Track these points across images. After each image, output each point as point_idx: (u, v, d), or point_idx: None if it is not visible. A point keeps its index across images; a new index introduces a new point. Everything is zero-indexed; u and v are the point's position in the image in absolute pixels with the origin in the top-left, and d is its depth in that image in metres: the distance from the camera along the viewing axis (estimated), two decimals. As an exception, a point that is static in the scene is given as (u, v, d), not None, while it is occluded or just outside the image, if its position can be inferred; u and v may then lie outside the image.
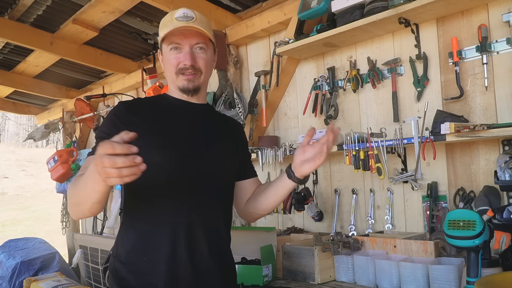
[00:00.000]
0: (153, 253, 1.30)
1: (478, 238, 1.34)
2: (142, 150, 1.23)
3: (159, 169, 1.29)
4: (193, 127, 1.42)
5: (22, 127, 24.43)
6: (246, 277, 1.98)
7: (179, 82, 1.39)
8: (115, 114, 1.35)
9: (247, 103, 2.90)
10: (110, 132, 1.27)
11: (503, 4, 1.91)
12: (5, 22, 3.13)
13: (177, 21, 1.34)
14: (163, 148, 1.32)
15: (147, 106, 1.43)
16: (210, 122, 1.49)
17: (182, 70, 1.36)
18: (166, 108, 1.43)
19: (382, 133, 2.14)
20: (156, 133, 1.34)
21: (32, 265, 3.71)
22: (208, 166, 1.38)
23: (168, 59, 1.38)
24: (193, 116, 1.44)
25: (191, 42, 1.36)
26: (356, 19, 2.17)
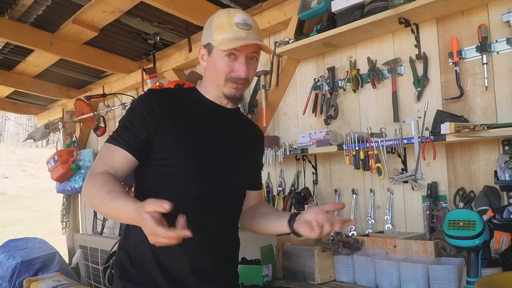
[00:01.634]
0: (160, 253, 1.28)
1: (478, 238, 1.34)
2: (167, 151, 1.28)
3: (185, 176, 1.29)
4: (226, 136, 1.39)
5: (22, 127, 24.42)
6: (246, 277, 1.98)
7: (227, 90, 1.34)
8: (144, 104, 1.30)
9: (247, 103, 2.90)
10: (136, 123, 1.27)
11: (503, 4, 1.91)
12: (5, 22, 3.13)
13: (237, 28, 1.28)
14: (188, 155, 1.30)
15: (180, 102, 1.37)
16: (241, 131, 1.47)
17: (234, 79, 1.32)
18: (201, 110, 1.38)
19: (382, 133, 2.14)
20: (184, 135, 1.30)
21: (32, 265, 3.71)
22: (234, 179, 1.39)
23: (221, 65, 1.31)
24: (228, 124, 1.42)
25: (248, 53, 1.31)
26: (356, 19, 2.17)
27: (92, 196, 1.18)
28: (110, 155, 1.26)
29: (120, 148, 1.25)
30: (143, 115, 1.27)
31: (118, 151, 1.25)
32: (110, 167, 1.24)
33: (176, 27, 3.25)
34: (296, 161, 2.75)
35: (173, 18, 2.99)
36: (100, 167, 1.23)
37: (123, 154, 1.25)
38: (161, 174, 1.30)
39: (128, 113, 1.33)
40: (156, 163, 1.30)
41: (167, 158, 1.28)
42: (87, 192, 1.20)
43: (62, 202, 4.95)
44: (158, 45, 3.56)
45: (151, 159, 1.30)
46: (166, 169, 1.29)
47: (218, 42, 1.29)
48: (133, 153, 1.26)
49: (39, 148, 22.40)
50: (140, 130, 1.26)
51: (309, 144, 2.45)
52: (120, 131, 1.29)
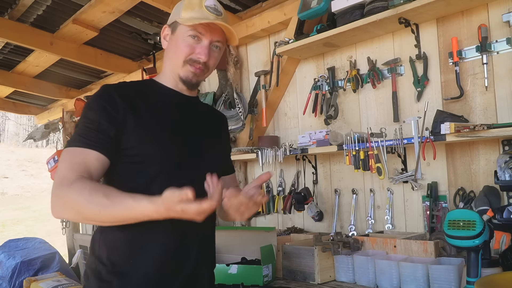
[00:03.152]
0: (141, 256, 1.21)
1: (478, 238, 1.34)
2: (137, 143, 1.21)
3: (155, 166, 1.23)
4: (191, 123, 1.35)
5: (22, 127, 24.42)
6: (246, 277, 1.98)
7: (184, 72, 1.29)
8: (105, 100, 1.20)
9: (247, 103, 2.90)
10: (103, 121, 1.18)
11: (503, 4, 1.91)
12: (5, 22, 3.13)
13: (207, 10, 1.25)
14: (163, 147, 1.25)
15: (139, 92, 1.30)
16: (204, 117, 1.43)
17: (193, 62, 1.27)
18: (161, 98, 1.32)
19: (382, 133, 2.14)
20: (153, 127, 1.25)
21: (32, 265, 3.71)
22: (206, 165, 1.31)
23: (182, 44, 1.27)
24: (191, 110, 1.38)
25: (213, 38, 1.28)
26: (356, 19, 2.17)
27: (82, 206, 1.06)
28: (81, 159, 1.14)
29: (91, 150, 1.15)
30: (107, 111, 1.18)
31: (89, 153, 1.14)
32: (85, 172, 1.12)
33: (176, 27, 3.24)
34: (296, 161, 2.75)
35: (173, 18, 2.99)
36: (72, 174, 1.10)
37: (95, 155, 1.15)
38: (135, 170, 1.22)
39: (88, 111, 1.21)
40: (128, 160, 1.22)
41: (139, 154, 1.21)
42: (71, 203, 1.08)
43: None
44: (158, 45, 3.56)
45: (121, 156, 1.21)
46: (141, 165, 1.22)
47: (184, 19, 1.25)
48: (105, 153, 1.17)
49: (39, 148, 22.40)
50: (108, 128, 1.17)
51: (309, 144, 2.45)
52: (84, 132, 1.17)
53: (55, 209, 1.11)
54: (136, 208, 1.03)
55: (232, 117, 2.90)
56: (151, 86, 1.35)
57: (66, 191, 1.08)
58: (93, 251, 1.28)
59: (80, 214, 1.09)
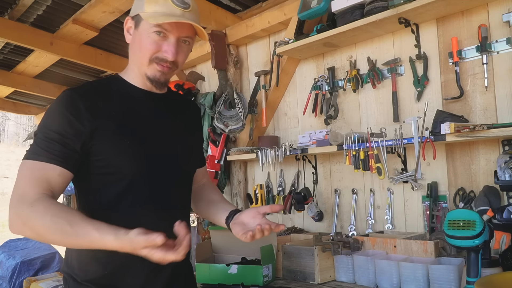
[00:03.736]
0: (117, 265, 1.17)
1: (478, 238, 1.34)
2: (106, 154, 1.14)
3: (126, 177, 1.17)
4: (161, 125, 1.28)
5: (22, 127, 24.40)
6: (246, 277, 1.98)
7: (151, 71, 1.20)
8: (69, 109, 1.11)
9: (247, 103, 2.90)
10: (66, 133, 1.10)
11: (503, 4, 1.91)
12: (5, 22, 3.13)
13: (172, 3, 1.15)
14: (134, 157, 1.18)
15: (106, 97, 1.20)
16: (174, 114, 1.35)
17: (160, 60, 1.19)
18: (129, 101, 1.24)
19: (382, 133, 2.14)
20: (122, 135, 1.17)
21: (32, 265, 3.71)
22: (178, 167, 1.29)
23: (147, 41, 1.17)
24: (160, 110, 1.29)
25: (180, 35, 1.18)
26: (356, 19, 2.17)
27: (44, 230, 1.00)
28: (42, 174, 1.06)
29: (53, 165, 1.07)
30: (71, 121, 1.10)
31: (51, 168, 1.07)
32: (46, 188, 1.05)
33: (176, 27, 3.24)
34: (296, 161, 2.75)
35: (173, 18, 2.99)
36: (33, 191, 1.03)
37: (58, 170, 1.07)
38: (106, 181, 1.17)
39: (49, 120, 1.12)
40: (98, 171, 1.16)
41: (110, 164, 1.15)
42: (31, 225, 1.00)
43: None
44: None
45: (91, 167, 1.15)
46: (112, 176, 1.16)
47: (147, 15, 1.15)
48: (69, 167, 1.09)
49: (39, 148, 22.37)
50: (73, 141, 1.10)
51: (309, 144, 2.45)
52: (45, 144, 1.08)
53: (13, 225, 1.03)
54: (100, 241, 0.96)
55: (232, 117, 2.90)
56: (117, 86, 1.26)
57: (26, 211, 1.01)
58: (66, 260, 1.26)
59: (41, 237, 1.03)
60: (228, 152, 2.93)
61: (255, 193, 2.93)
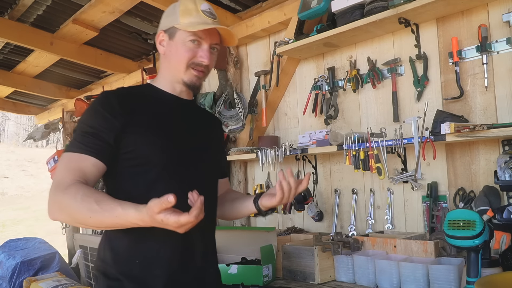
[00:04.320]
0: (148, 256, 1.25)
1: (478, 238, 1.34)
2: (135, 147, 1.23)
3: (154, 169, 1.25)
4: (189, 127, 1.39)
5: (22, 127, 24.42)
6: (246, 277, 1.98)
7: (188, 76, 1.33)
8: (104, 107, 1.24)
9: (247, 103, 2.90)
10: (100, 127, 1.21)
11: (503, 4, 1.91)
12: (5, 22, 3.13)
13: (204, 15, 1.30)
14: (162, 149, 1.27)
15: (138, 98, 1.33)
16: (201, 121, 1.47)
17: (196, 65, 1.31)
18: (159, 102, 1.35)
19: (382, 133, 2.14)
20: (152, 130, 1.28)
21: (32, 265, 3.71)
22: (205, 169, 1.38)
23: (183, 49, 1.30)
24: (188, 114, 1.42)
25: (212, 42, 1.33)
26: (356, 19, 2.17)
27: (75, 210, 1.10)
28: (77, 164, 1.17)
29: (88, 156, 1.18)
30: (106, 117, 1.22)
31: (86, 159, 1.18)
32: (80, 177, 1.15)
33: (176, 27, 3.24)
34: (296, 161, 2.75)
35: (173, 18, 2.99)
36: (68, 178, 1.14)
37: (92, 161, 1.18)
38: (135, 173, 1.25)
39: (87, 117, 1.25)
40: (127, 164, 1.25)
41: (139, 156, 1.24)
42: (64, 207, 1.11)
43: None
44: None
45: (120, 160, 1.24)
46: (140, 168, 1.25)
47: (184, 25, 1.28)
48: (102, 159, 1.20)
49: (39, 148, 22.40)
50: (107, 134, 1.21)
51: (309, 144, 2.45)
52: (82, 138, 1.20)
53: (50, 211, 1.15)
54: (123, 216, 1.05)
55: (232, 117, 2.90)
56: (149, 91, 1.38)
57: (61, 195, 1.11)
58: (99, 255, 1.32)
59: (73, 218, 1.13)
60: (228, 152, 2.93)
61: (255, 193, 2.93)
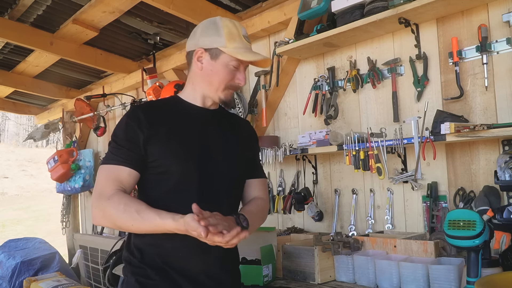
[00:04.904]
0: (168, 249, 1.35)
1: (478, 238, 1.34)
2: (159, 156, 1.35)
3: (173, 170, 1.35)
4: (215, 136, 1.45)
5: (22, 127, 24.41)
6: (246, 277, 1.98)
7: (224, 95, 1.43)
8: (133, 120, 1.36)
9: (247, 103, 2.90)
10: (130, 139, 1.33)
11: (503, 4, 1.91)
12: (5, 22, 3.13)
13: (245, 40, 1.41)
14: (183, 159, 1.36)
15: (165, 112, 1.43)
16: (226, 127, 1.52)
17: (234, 87, 1.43)
18: (185, 113, 1.44)
19: (382, 133, 2.14)
20: (177, 143, 1.37)
21: (32, 265, 3.71)
22: (226, 176, 1.43)
23: (225, 72, 1.40)
24: (215, 122, 1.48)
25: (246, 65, 1.44)
26: (356, 19, 2.17)
27: (118, 218, 1.25)
28: (115, 175, 1.30)
29: (123, 167, 1.31)
30: (134, 130, 1.34)
31: (122, 170, 1.31)
32: (119, 186, 1.29)
33: (176, 27, 3.24)
34: (296, 161, 2.75)
35: (173, 18, 2.99)
36: (109, 188, 1.28)
37: (127, 171, 1.31)
38: (159, 180, 1.36)
39: (118, 131, 1.38)
40: (152, 171, 1.36)
41: (162, 164, 1.34)
42: (109, 215, 1.26)
43: (62, 202, 4.95)
44: (158, 45, 3.56)
45: (147, 168, 1.36)
46: (161, 175, 1.35)
47: (232, 51, 1.37)
48: (136, 168, 1.33)
49: (39, 148, 22.40)
50: (137, 145, 1.33)
51: (309, 144, 2.45)
52: (116, 150, 1.34)
53: (95, 218, 1.31)
54: (161, 225, 1.21)
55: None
56: (175, 102, 1.48)
57: (105, 204, 1.27)
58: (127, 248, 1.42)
59: (116, 224, 1.30)
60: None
61: (255, 193, 2.93)
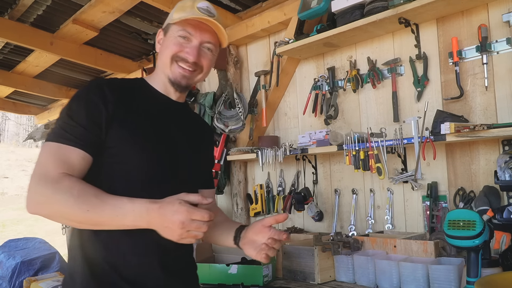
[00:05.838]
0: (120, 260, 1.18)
1: (478, 238, 1.34)
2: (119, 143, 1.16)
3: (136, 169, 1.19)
4: (176, 131, 1.30)
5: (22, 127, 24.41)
6: (246, 277, 1.98)
7: (172, 72, 1.25)
8: (96, 95, 1.15)
9: (247, 103, 2.90)
10: (88, 116, 1.12)
11: (503, 4, 1.91)
12: (5, 22, 3.13)
13: (198, 11, 1.23)
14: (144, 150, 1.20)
15: (128, 90, 1.25)
16: (190, 126, 1.39)
17: (181, 59, 1.24)
18: (149, 101, 1.28)
19: (382, 133, 2.14)
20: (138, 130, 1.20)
21: (32, 265, 3.71)
22: (184, 173, 1.29)
23: (171, 42, 1.24)
24: (177, 118, 1.33)
25: (203, 38, 1.25)
26: (356, 19, 2.17)
27: (69, 206, 1.03)
28: (65, 157, 1.09)
29: (77, 148, 1.10)
30: (98, 106, 1.13)
31: (75, 152, 1.10)
32: (69, 170, 1.08)
33: (176, 27, 3.24)
34: (296, 161, 2.75)
35: (173, 18, 2.99)
36: (56, 171, 1.06)
37: (81, 154, 1.10)
38: (114, 171, 1.17)
39: (76, 104, 1.15)
40: (108, 160, 1.16)
41: (119, 153, 1.16)
42: (55, 201, 1.04)
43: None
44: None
45: (102, 155, 1.15)
46: (119, 166, 1.17)
47: (173, 19, 1.24)
48: (91, 151, 1.12)
49: (39, 148, 22.39)
50: (96, 125, 1.13)
51: (309, 144, 2.45)
52: (70, 128, 1.11)
53: (32, 204, 1.06)
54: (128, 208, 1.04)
55: (232, 117, 2.90)
56: (140, 85, 1.31)
57: (50, 188, 1.04)
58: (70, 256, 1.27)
59: (62, 213, 1.06)
60: (228, 152, 2.93)
61: (255, 193, 2.93)
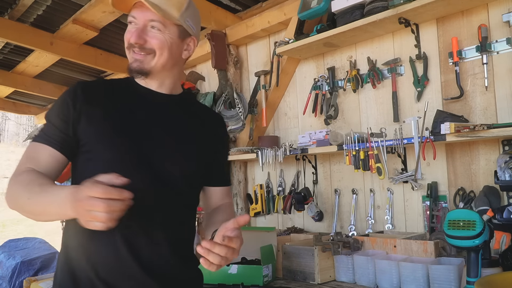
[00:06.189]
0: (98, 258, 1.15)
1: (478, 238, 1.34)
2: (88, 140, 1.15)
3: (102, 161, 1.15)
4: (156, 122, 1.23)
5: (22, 127, 24.41)
6: (246, 277, 1.98)
7: (129, 60, 1.22)
8: (69, 96, 1.18)
9: (247, 103, 2.90)
10: (62, 116, 1.15)
11: (503, 4, 1.91)
12: (5, 22, 3.13)
13: None
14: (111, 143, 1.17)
15: (107, 91, 1.24)
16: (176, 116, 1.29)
17: (131, 46, 1.20)
18: (127, 96, 1.25)
19: (382, 133, 2.14)
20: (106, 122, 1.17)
21: (32, 265, 3.71)
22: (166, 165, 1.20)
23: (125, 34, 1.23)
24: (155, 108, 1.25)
25: (146, 18, 1.18)
26: (356, 19, 2.17)
27: (19, 194, 1.06)
28: (35, 153, 1.14)
29: (45, 145, 1.14)
30: (68, 106, 1.16)
31: (43, 148, 1.14)
32: (35, 165, 1.12)
33: (176, 27, 3.24)
34: (296, 161, 2.75)
35: (173, 18, 2.99)
36: (23, 167, 1.11)
37: (48, 151, 1.13)
38: (86, 167, 1.16)
39: (53, 107, 1.21)
40: (83, 157, 1.17)
41: (91, 150, 1.16)
42: (12, 192, 1.08)
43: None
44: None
45: (78, 153, 1.17)
46: (91, 162, 1.16)
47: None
48: (60, 149, 1.14)
49: (39, 148, 22.37)
50: (65, 122, 1.15)
51: (309, 144, 2.45)
52: (45, 128, 1.17)
53: (6, 201, 1.09)
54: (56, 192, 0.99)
55: (232, 117, 2.90)
56: (126, 83, 1.28)
57: (12, 182, 1.09)
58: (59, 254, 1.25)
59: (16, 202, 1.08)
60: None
61: (255, 193, 2.94)
